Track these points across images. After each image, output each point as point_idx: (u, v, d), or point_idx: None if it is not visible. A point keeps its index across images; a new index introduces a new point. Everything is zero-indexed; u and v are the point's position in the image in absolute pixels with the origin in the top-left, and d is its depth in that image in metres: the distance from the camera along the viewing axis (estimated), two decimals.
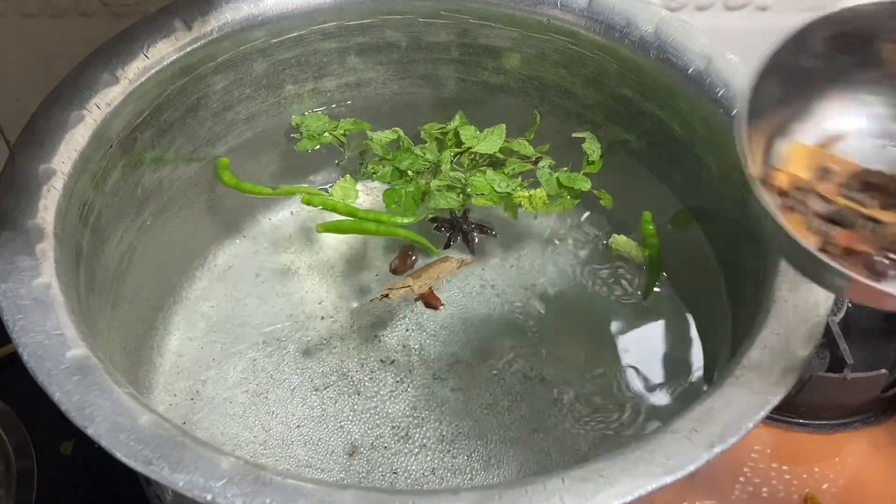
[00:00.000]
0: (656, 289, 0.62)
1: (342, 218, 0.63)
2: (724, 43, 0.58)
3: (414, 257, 0.63)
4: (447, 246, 0.64)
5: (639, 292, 0.62)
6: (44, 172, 0.51)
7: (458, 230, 0.65)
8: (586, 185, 0.65)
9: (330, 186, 0.65)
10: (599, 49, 0.63)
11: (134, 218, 0.62)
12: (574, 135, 0.68)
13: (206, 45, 0.61)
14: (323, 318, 0.61)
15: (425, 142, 0.68)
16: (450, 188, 0.65)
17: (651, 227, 0.64)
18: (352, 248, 0.65)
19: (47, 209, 0.49)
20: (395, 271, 0.63)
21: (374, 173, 0.67)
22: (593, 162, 0.67)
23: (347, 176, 0.66)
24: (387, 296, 0.61)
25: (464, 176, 0.66)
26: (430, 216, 0.64)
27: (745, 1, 0.75)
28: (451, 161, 0.67)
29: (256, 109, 0.68)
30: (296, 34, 0.65)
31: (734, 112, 0.55)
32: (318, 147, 0.68)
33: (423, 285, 0.61)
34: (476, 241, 0.64)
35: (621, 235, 0.65)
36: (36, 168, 0.51)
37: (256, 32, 0.63)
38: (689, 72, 0.58)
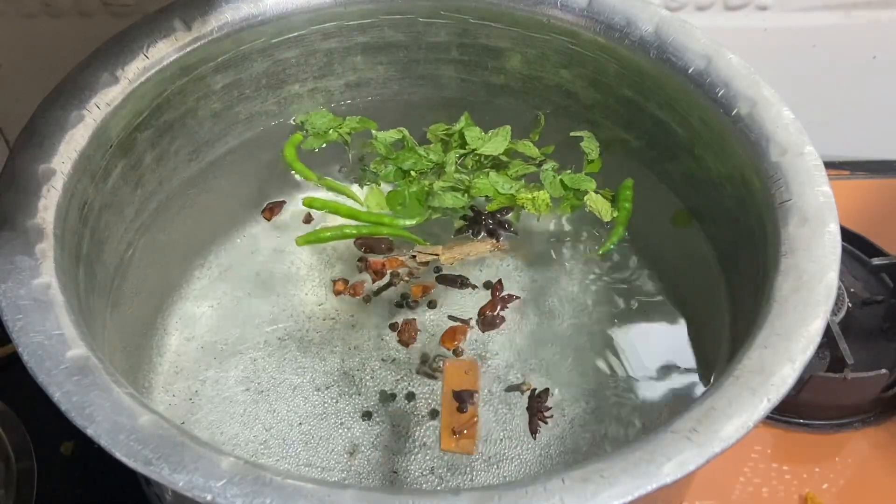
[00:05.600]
0: (654, 297, 0.62)
1: (319, 227, 0.65)
2: (724, 43, 0.58)
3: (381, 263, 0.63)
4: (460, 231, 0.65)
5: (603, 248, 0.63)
6: (44, 172, 0.51)
7: (480, 225, 0.65)
8: (591, 185, 0.65)
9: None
10: (599, 49, 0.63)
11: (134, 218, 0.62)
12: (572, 133, 0.68)
13: (206, 45, 0.61)
14: (324, 318, 0.61)
15: (429, 142, 0.68)
16: (454, 189, 0.65)
17: (628, 193, 0.65)
18: (351, 248, 0.65)
19: (47, 209, 0.49)
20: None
21: (375, 174, 0.67)
22: (592, 161, 0.67)
23: (374, 186, 0.67)
24: (414, 257, 0.62)
25: (467, 178, 0.66)
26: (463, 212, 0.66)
27: (745, 1, 0.75)
28: (456, 162, 0.67)
29: (257, 109, 0.68)
30: (296, 34, 0.65)
31: (733, 112, 0.56)
32: (324, 145, 0.69)
33: (450, 258, 0.62)
34: (502, 237, 0.64)
35: (595, 195, 0.65)
36: (36, 168, 0.51)
37: (256, 32, 0.63)
38: (689, 72, 0.58)
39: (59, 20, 0.71)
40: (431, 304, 0.61)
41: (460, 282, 0.62)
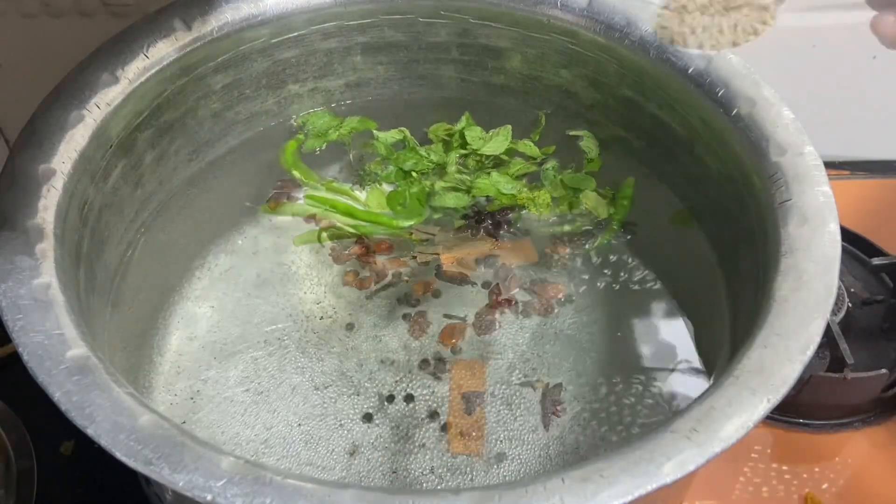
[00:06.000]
0: (654, 296, 0.62)
1: (315, 228, 0.65)
2: None
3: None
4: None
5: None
6: (44, 172, 0.51)
7: (480, 225, 0.65)
8: (591, 185, 0.65)
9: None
10: (599, 49, 0.63)
11: (134, 218, 0.62)
12: (570, 133, 0.68)
13: (206, 45, 0.61)
14: (322, 317, 0.61)
15: (429, 142, 0.69)
16: (455, 189, 0.65)
17: (629, 191, 0.66)
18: (351, 248, 0.64)
19: (47, 209, 0.49)
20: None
21: (376, 174, 0.67)
22: (592, 160, 0.67)
23: (376, 186, 0.67)
24: (415, 257, 0.63)
25: (469, 178, 0.66)
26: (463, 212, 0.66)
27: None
28: (457, 162, 0.67)
29: (256, 109, 0.68)
30: (296, 34, 0.65)
31: (733, 112, 0.56)
32: (324, 146, 0.69)
33: (451, 257, 0.62)
34: (502, 236, 0.65)
35: (592, 192, 0.65)
36: (36, 168, 0.51)
37: (256, 32, 0.63)
38: (689, 72, 0.58)
39: (59, 20, 0.71)
40: (435, 294, 0.61)
41: (461, 279, 0.62)
